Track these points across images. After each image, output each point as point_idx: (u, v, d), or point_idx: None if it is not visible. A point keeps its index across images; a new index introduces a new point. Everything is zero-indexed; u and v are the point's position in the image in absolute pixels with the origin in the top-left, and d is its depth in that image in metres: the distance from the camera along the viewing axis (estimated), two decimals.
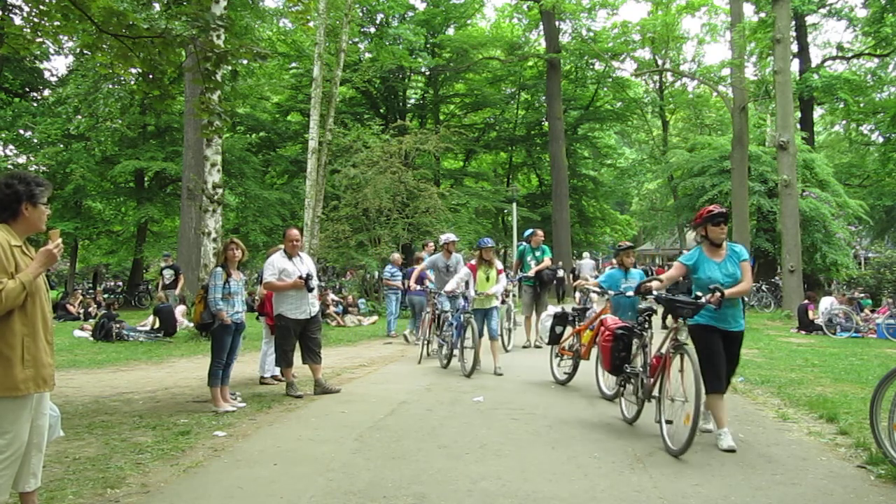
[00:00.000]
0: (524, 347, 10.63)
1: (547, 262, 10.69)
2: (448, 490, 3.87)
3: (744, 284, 4.87)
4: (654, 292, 5.11)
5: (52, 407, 3.34)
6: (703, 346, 4.73)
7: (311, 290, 6.65)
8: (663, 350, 4.96)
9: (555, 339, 7.42)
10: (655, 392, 4.94)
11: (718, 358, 4.70)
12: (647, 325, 5.49)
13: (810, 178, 20.86)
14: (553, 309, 7.68)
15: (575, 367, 7.28)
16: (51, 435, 3.31)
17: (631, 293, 6.42)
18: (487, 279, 8.25)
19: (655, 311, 5.68)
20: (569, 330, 7.47)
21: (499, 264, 8.51)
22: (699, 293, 4.81)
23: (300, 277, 6.61)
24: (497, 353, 8.29)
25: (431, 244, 13.51)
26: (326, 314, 14.38)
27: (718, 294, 4.63)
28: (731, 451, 4.56)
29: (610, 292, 6.84)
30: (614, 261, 7.97)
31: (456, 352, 8.35)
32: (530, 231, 11.16)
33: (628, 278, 7.00)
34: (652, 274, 16.68)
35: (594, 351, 6.71)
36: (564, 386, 7.23)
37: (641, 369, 5.28)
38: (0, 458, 2.88)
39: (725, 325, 4.83)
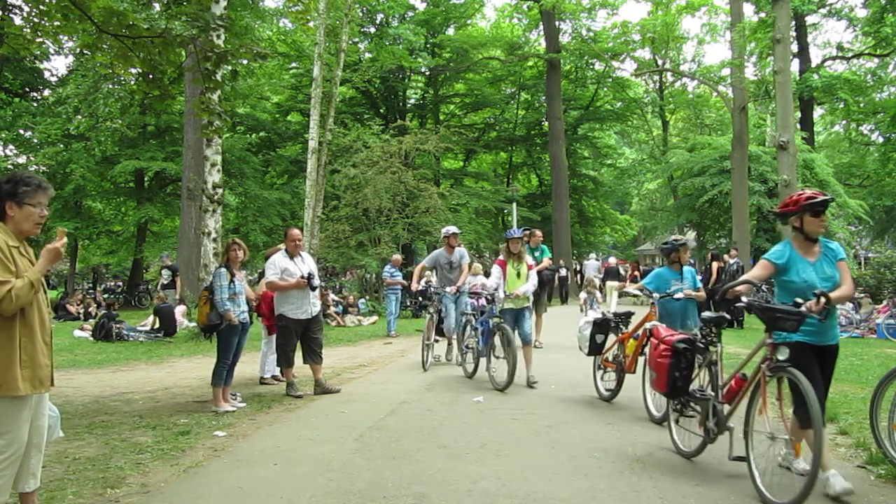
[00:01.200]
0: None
1: (546, 262, 10.50)
2: (448, 490, 3.87)
3: (846, 288, 3.96)
4: (744, 298, 4.17)
5: (52, 407, 3.34)
6: (801, 370, 3.74)
7: (314, 289, 6.67)
8: (747, 372, 4.06)
9: (596, 348, 6.48)
10: (732, 423, 4.10)
11: (817, 383, 3.73)
12: (714, 338, 4.40)
13: (810, 178, 20.85)
14: (593, 314, 6.85)
15: (619, 382, 6.35)
16: (50, 435, 3.31)
17: (680, 295, 5.71)
18: (518, 276, 7.32)
19: (730, 322, 4.95)
20: (611, 338, 6.61)
21: (529, 259, 7.66)
22: (798, 300, 3.79)
23: (302, 277, 6.61)
24: (530, 360, 7.37)
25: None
26: (327, 314, 14.37)
27: (824, 301, 3.74)
28: (849, 493, 3.68)
29: (655, 295, 5.90)
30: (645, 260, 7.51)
31: (483, 360, 7.53)
32: (523, 229, 11.00)
33: (682, 279, 5.96)
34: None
35: (641, 362, 5.94)
36: (609, 403, 6.32)
37: (712, 393, 4.27)
38: (0, 459, 2.88)
39: (822, 339, 3.94)
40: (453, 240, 8.96)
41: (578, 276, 20.68)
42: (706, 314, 4.55)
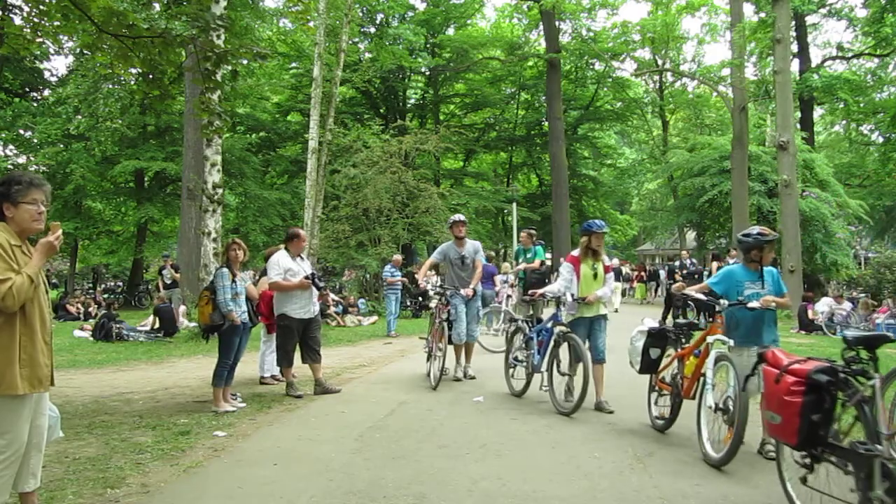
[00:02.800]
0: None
1: (536, 263, 10.07)
2: (448, 490, 3.87)
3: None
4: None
5: (52, 407, 3.34)
6: None
7: (319, 289, 6.69)
8: None
9: (649, 366, 5.28)
10: None
11: None
12: (869, 368, 3.22)
13: (810, 178, 20.85)
14: (649, 322, 5.45)
15: (675, 409, 5.09)
16: (50, 435, 3.32)
17: (756, 305, 4.55)
18: (595, 277, 6.07)
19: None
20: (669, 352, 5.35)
21: (606, 259, 6.48)
22: None
23: (306, 277, 6.63)
24: (602, 381, 6.07)
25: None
26: (327, 314, 14.37)
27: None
28: None
29: (723, 302, 4.68)
30: (731, 255, 6.26)
31: (538, 376, 6.32)
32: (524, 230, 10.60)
33: (762, 282, 4.75)
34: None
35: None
36: (663, 433, 5.17)
37: (880, 448, 2.96)
38: (0, 459, 2.88)
39: None
40: (461, 229, 7.65)
41: None
42: (850, 333, 3.44)
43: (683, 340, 5.21)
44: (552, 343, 6.07)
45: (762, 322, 4.69)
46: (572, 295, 5.96)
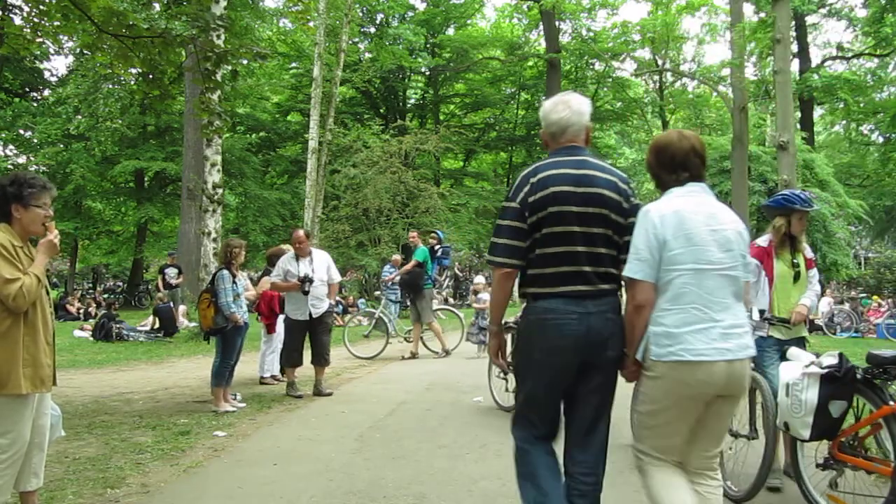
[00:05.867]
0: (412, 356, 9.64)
1: (409, 265, 9.87)
2: (448, 490, 3.87)
3: None
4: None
5: (54, 406, 3.35)
6: None
7: (304, 293, 6.62)
8: None
9: (826, 428, 3.31)
10: None
11: None
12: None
13: (810, 178, 20.84)
14: (807, 358, 3.49)
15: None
16: (52, 435, 3.32)
17: None
18: (796, 277, 4.05)
19: None
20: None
21: (808, 251, 4.22)
22: None
23: (298, 279, 6.62)
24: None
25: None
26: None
27: None
28: None
29: None
30: None
31: None
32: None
33: None
34: None
35: None
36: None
37: None
38: (2, 458, 2.89)
39: None
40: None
41: None
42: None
43: (885, 391, 3.24)
44: None
45: None
46: (761, 311, 3.95)
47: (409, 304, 10.28)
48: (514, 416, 2.71)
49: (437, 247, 11.32)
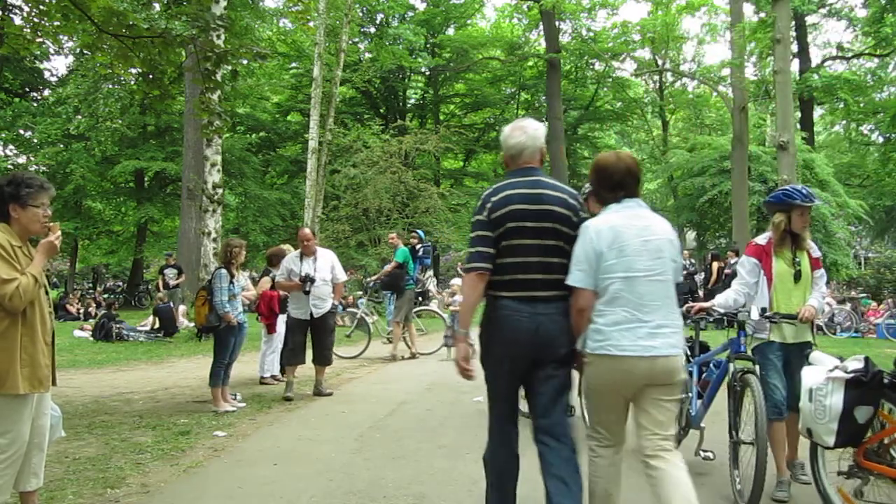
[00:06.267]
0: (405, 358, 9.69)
1: (389, 267, 9.89)
2: (448, 490, 3.87)
3: None
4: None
5: (54, 407, 3.35)
6: None
7: (305, 293, 6.61)
8: None
9: (851, 434, 3.22)
10: None
11: None
12: None
13: (810, 178, 20.83)
14: (830, 362, 3.39)
15: None
16: (52, 435, 3.32)
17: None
18: (797, 278, 3.89)
19: None
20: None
21: (814, 247, 4.04)
22: None
23: (300, 279, 6.62)
24: (782, 446, 3.90)
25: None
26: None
27: None
28: None
29: None
30: None
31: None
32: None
33: None
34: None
35: None
36: None
37: None
38: (1, 458, 2.89)
39: None
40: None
41: None
42: None
43: None
44: (730, 388, 3.83)
45: None
46: (762, 310, 3.80)
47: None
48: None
49: (418, 246, 11.31)
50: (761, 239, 4.05)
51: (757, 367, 3.79)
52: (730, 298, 3.99)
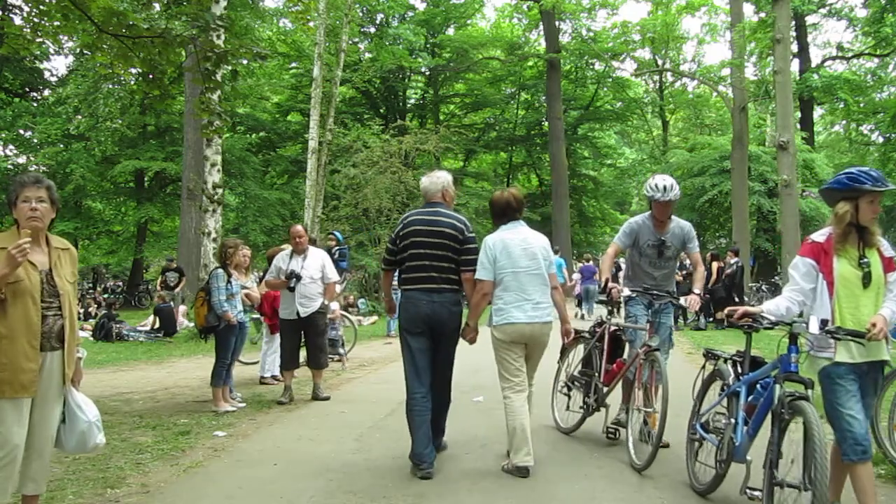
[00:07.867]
0: None
1: None
2: (448, 490, 3.87)
3: None
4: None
5: (87, 411, 3.25)
6: None
7: (290, 289, 6.44)
8: None
9: None
10: None
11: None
12: None
13: (810, 178, 20.86)
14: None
15: None
16: (87, 442, 3.24)
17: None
18: (867, 282, 3.10)
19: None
20: None
21: (885, 245, 3.22)
22: None
23: (285, 276, 6.47)
24: (873, 495, 3.15)
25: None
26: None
27: None
28: None
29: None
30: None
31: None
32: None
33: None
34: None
35: None
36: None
37: None
38: None
39: None
40: (665, 209, 4.77)
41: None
42: None
43: None
44: (775, 415, 3.21)
45: None
46: (822, 322, 3.05)
47: None
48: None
49: (334, 249, 10.57)
50: (819, 235, 3.25)
51: (810, 392, 3.11)
52: (781, 306, 3.27)
